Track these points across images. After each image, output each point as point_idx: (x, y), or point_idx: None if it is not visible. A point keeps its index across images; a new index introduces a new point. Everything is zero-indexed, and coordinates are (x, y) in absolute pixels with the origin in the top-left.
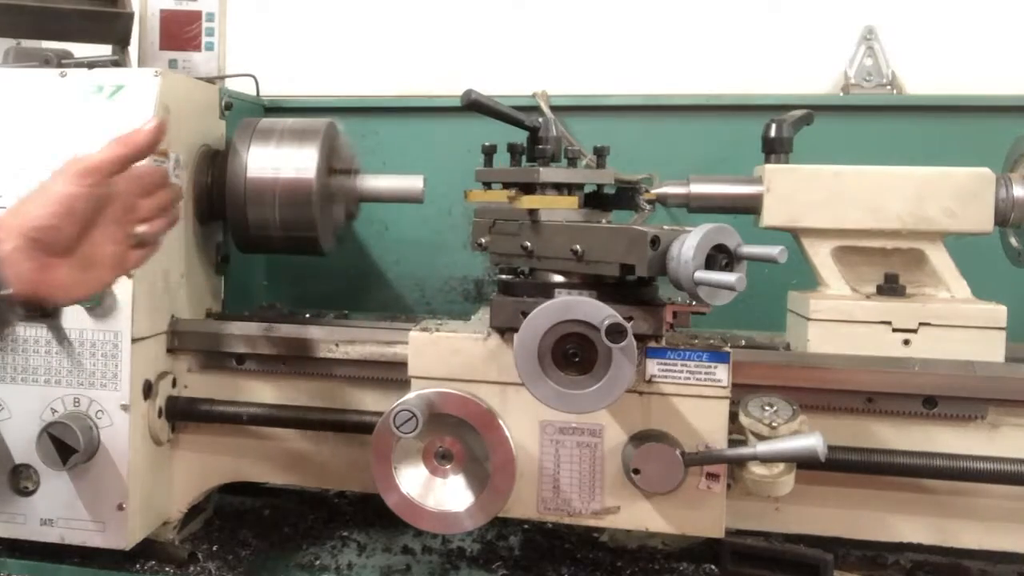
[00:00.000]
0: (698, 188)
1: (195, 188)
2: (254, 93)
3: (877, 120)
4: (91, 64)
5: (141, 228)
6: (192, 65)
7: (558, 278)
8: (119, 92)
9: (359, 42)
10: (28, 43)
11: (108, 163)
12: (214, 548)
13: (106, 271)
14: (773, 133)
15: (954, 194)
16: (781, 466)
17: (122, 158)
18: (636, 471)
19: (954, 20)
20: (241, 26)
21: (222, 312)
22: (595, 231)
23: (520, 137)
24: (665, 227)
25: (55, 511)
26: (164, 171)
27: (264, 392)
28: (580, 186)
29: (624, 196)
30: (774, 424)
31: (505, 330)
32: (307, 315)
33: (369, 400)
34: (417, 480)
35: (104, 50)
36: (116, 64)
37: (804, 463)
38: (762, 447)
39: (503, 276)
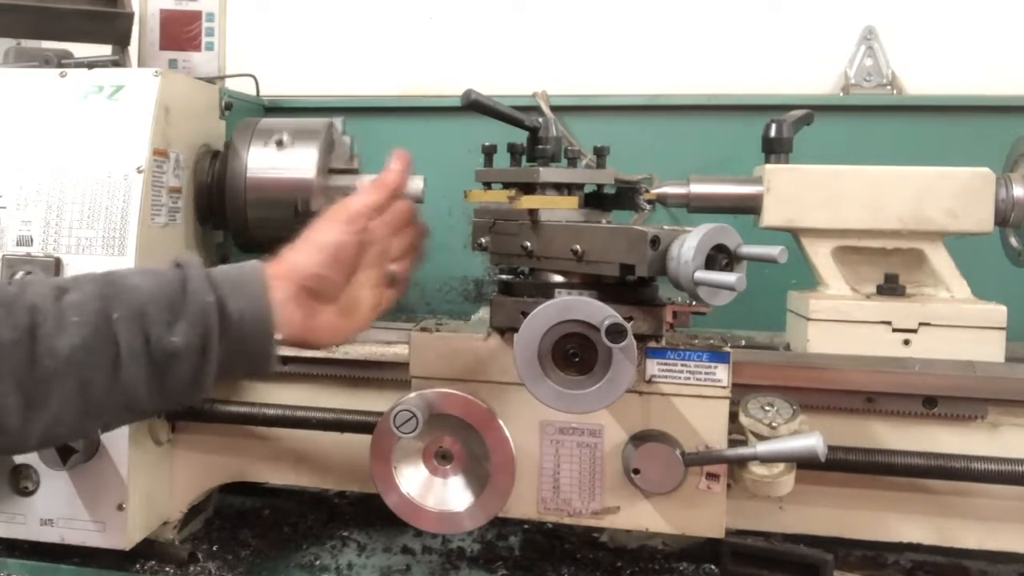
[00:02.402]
0: (698, 188)
1: (195, 188)
2: (254, 93)
3: (877, 120)
4: (91, 64)
5: (393, 267)
6: (192, 65)
7: (558, 278)
8: (119, 92)
9: (359, 42)
10: (28, 43)
11: (369, 208)
12: (214, 548)
13: (365, 314)
14: (773, 133)
15: (954, 194)
16: (781, 466)
17: (380, 201)
18: (636, 471)
19: (954, 20)
20: (241, 26)
21: None
22: (595, 231)
23: (520, 137)
24: (665, 227)
25: (55, 511)
26: (411, 208)
27: (264, 392)
28: (580, 186)
29: (624, 196)
30: (774, 424)
31: (505, 330)
32: None
33: (369, 400)
34: (417, 480)
35: (104, 50)
36: (116, 64)
37: (804, 463)
38: (762, 447)
39: (503, 276)
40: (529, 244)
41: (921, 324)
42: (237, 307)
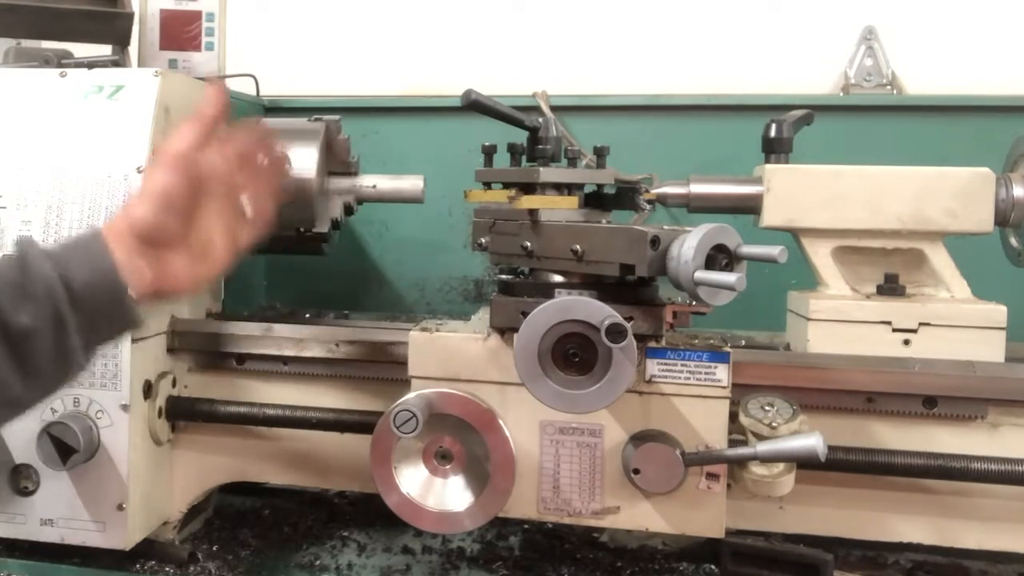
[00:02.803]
0: (698, 188)
1: None
2: (254, 93)
3: (877, 120)
4: (91, 64)
5: (245, 201)
6: (192, 65)
7: (558, 278)
8: (119, 92)
9: (359, 42)
10: (28, 43)
11: (191, 144)
12: (214, 548)
13: (220, 254)
14: (773, 133)
15: (954, 194)
16: (781, 466)
17: (200, 135)
18: (636, 471)
19: (954, 20)
20: (241, 26)
21: (222, 312)
22: (595, 231)
23: (520, 137)
24: (665, 227)
25: (55, 511)
26: (258, 139)
27: (264, 392)
28: (580, 186)
29: (624, 196)
30: (774, 424)
31: (505, 330)
32: (307, 315)
33: (369, 400)
34: (417, 480)
35: (104, 50)
36: (116, 64)
37: (804, 463)
38: (762, 447)
39: (503, 276)
40: (529, 244)
41: (921, 324)
42: (81, 275)
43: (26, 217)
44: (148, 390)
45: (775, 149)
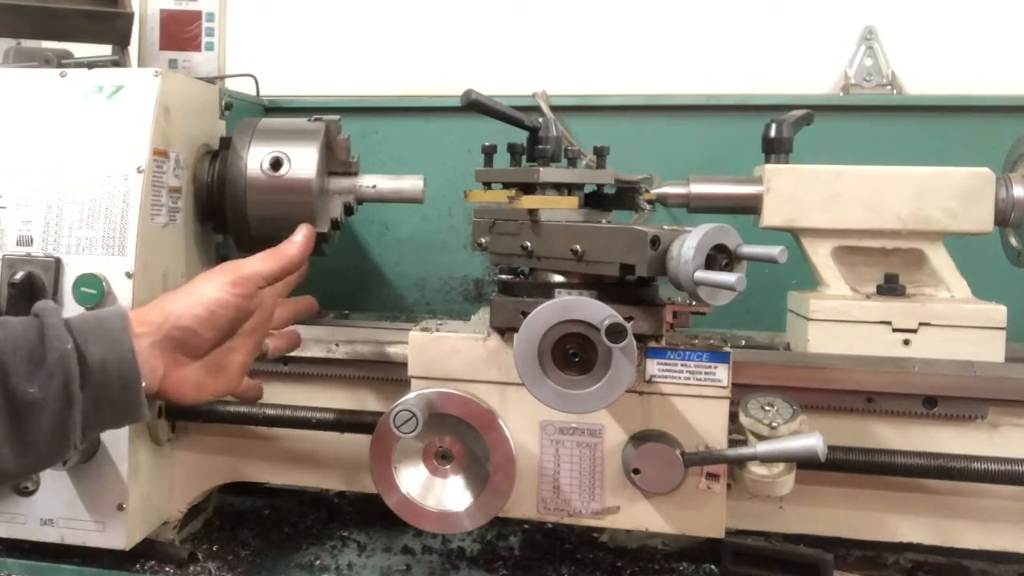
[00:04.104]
0: (698, 188)
1: (195, 188)
2: (254, 93)
3: (877, 120)
4: (91, 64)
5: (269, 343)
6: (192, 65)
7: (558, 278)
8: (119, 92)
9: (359, 42)
10: (28, 43)
11: (262, 276)
12: (214, 548)
13: (232, 378)
14: (773, 133)
15: (954, 194)
16: (781, 466)
17: (275, 272)
18: (636, 471)
19: (954, 20)
20: (241, 26)
21: None
22: (595, 231)
23: (520, 137)
24: (665, 227)
25: (55, 511)
26: (298, 278)
27: (264, 392)
28: (580, 186)
29: (624, 196)
30: (774, 424)
31: (505, 330)
32: None
33: (369, 400)
34: (417, 480)
35: (104, 50)
36: (116, 64)
37: (804, 463)
38: (762, 447)
39: (503, 276)
40: (529, 244)
41: (921, 324)
42: (97, 353)
43: (26, 217)
44: None
45: (775, 149)
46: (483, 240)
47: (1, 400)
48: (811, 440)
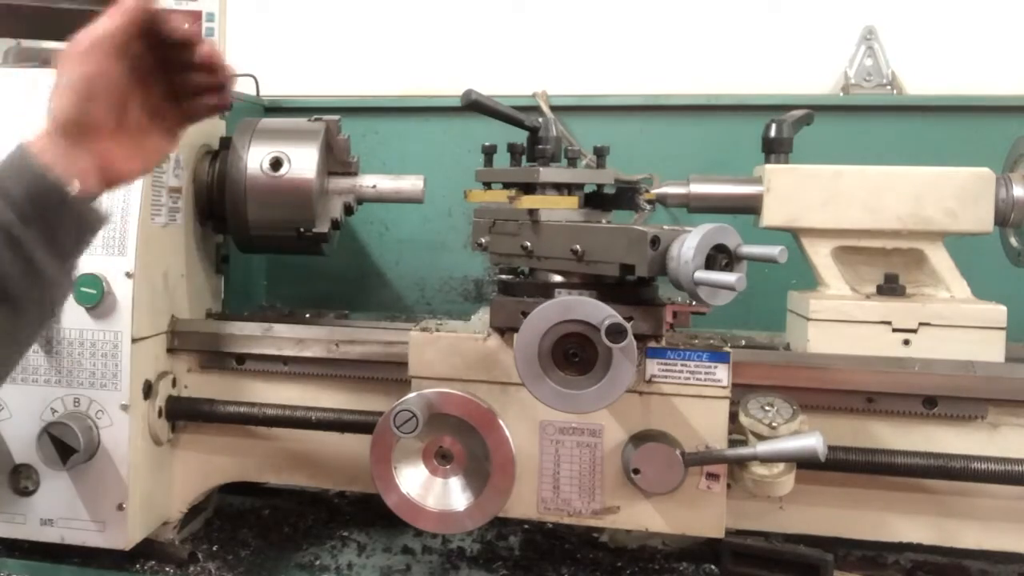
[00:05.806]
0: (698, 188)
1: (195, 188)
2: (254, 93)
3: (877, 120)
4: None
5: (183, 82)
6: None
7: (558, 278)
8: None
9: (359, 42)
10: (28, 43)
11: (111, 33)
12: (214, 548)
13: (161, 136)
14: (773, 133)
15: (954, 194)
16: (781, 466)
17: (121, 26)
18: (636, 471)
19: (954, 20)
20: (241, 26)
21: (222, 312)
22: (595, 231)
23: (520, 137)
24: (665, 227)
25: (55, 511)
26: (185, 32)
27: (264, 392)
28: (580, 186)
29: (624, 196)
30: (774, 424)
31: (505, 330)
32: (307, 315)
33: (369, 400)
34: (417, 480)
35: None
36: None
37: (804, 463)
38: (762, 447)
39: (503, 276)
40: (529, 244)
41: (921, 324)
42: (18, 191)
43: None
44: (148, 390)
45: (775, 149)
46: (483, 240)
47: None
48: (811, 440)
